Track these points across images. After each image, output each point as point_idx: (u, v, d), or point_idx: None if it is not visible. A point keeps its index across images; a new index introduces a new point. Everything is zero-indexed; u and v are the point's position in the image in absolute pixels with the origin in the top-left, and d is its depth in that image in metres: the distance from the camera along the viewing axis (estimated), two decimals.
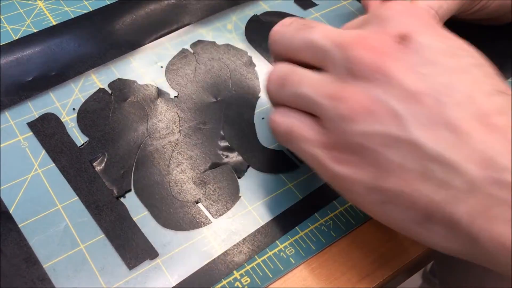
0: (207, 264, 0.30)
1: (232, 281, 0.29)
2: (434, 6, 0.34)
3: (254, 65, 0.40)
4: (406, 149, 0.24)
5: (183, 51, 0.41)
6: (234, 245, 0.31)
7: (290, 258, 0.31)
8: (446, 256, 0.26)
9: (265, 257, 0.30)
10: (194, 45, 0.41)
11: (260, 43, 0.42)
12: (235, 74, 0.40)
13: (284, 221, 0.32)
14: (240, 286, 0.29)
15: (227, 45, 0.41)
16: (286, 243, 0.31)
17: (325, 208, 0.33)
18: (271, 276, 0.30)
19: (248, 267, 0.30)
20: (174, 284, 0.29)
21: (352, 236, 0.32)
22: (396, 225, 0.27)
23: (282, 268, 0.30)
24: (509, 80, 0.41)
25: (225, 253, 0.31)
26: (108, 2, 0.44)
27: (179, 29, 0.42)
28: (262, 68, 0.40)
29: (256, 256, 0.30)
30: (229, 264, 0.30)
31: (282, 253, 0.31)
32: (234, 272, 0.30)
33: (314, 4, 0.46)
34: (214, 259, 0.30)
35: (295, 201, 0.33)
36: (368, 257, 0.31)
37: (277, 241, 0.31)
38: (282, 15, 0.44)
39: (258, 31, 0.43)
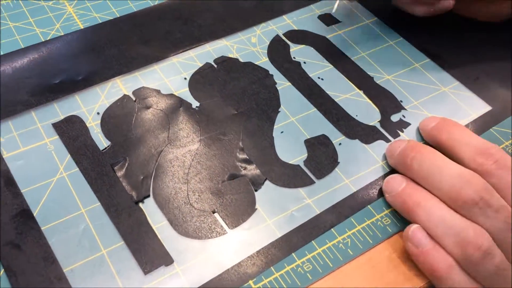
0: (220, 274, 0.31)
1: None
2: None
3: (275, 83, 0.41)
4: None
5: (207, 64, 0.42)
6: (248, 256, 0.31)
7: (308, 274, 0.31)
8: None
9: (282, 271, 0.31)
10: (218, 60, 0.42)
11: (281, 63, 0.42)
12: (256, 89, 0.40)
13: (300, 236, 0.32)
14: None
15: (250, 63, 0.42)
16: (304, 259, 0.31)
17: (343, 225, 0.33)
18: None
19: (265, 281, 0.30)
20: None
21: (369, 255, 0.32)
22: None
23: (299, 284, 0.30)
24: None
25: (238, 264, 0.31)
26: (135, 10, 0.45)
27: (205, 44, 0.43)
28: (282, 86, 0.41)
29: (273, 269, 0.31)
30: (242, 276, 0.31)
31: (299, 268, 0.31)
32: (252, 284, 0.30)
33: (337, 21, 0.46)
34: (227, 270, 0.31)
35: (312, 215, 0.33)
36: (384, 277, 0.31)
37: (294, 256, 0.31)
38: (304, 34, 0.45)
39: (280, 52, 0.43)
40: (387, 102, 0.41)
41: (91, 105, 0.38)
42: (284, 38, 0.44)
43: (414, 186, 0.33)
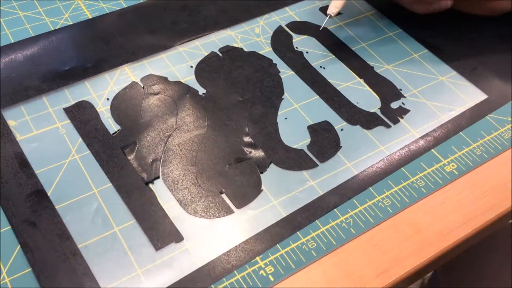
0: (228, 251, 0.32)
1: (257, 269, 0.31)
2: None
3: (278, 71, 0.42)
4: None
5: (213, 53, 0.43)
6: (255, 234, 0.33)
7: (312, 251, 0.32)
8: (449, 264, 0.27)
9: (288, 248, 0.32)
10: (223, 49, 0.43)
11: (285, 53, 0.44)
12: (260, 77, 0.42)
13: (304, 215, 0.34)
14: (264, 274, 0.31)
15: (254, 52, 0.43)
16: (309, 237, 0.33)
17: (345, 206, 0.34)
18: (293, 267, 0.31)
19: (272, 257, 0.32)
20: (198, 266, 0.31)
21: (370, 234, 0.34)
22: None
23: (304, 260, 0.32)
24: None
25: (245, 242, 0.32)
26: (142, 0, 0.46)
27: (210, 34, 0.44)
28: (286, 75, 0.42)
29: (279, 247, 0.32)
30: (249, 252, 0.32)
31: (304, 246, 0.32)
32: (259, 260, 0.31)
33: (338, 13, 0.47)
34: (235, 246, 0.32)
35: (316, 196, 0.35)
36: (384, 255, 0.33)
37: (299, 234, 0.33)
38: (306, 25, 0.46)
39: (283, 42, 0.45)
40: (387, 90, 0.42)
41: (100, 91, 0.39)
42: (287, 29, 0.46)
43: None
